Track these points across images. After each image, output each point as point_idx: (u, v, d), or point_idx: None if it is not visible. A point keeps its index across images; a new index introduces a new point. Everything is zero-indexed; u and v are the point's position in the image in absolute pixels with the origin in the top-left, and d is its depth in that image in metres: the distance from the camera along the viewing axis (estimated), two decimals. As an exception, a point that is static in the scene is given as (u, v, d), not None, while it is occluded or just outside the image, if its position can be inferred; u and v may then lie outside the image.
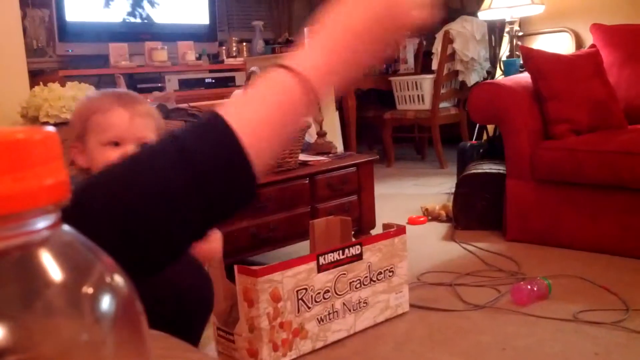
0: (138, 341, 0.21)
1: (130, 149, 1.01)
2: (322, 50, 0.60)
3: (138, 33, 3.71)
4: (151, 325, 0.51)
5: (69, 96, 2.28)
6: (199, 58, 3.87)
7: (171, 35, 3.82)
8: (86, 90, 2.48)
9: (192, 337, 0.90)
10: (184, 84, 3.62)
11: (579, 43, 3.33)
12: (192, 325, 0.88)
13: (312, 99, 0.58)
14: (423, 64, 4.98)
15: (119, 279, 0.21)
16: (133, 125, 1.05)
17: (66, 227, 0.21)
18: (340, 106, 4.57)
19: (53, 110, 2.25)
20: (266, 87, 0.59)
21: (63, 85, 2.43)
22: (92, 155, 1.04)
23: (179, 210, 0.53)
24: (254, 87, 0.60)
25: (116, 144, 1.05)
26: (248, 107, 0.58)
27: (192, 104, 2.22)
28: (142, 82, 3.52)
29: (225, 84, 3.76)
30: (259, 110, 0.58)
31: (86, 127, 1.07)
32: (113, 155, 1.01)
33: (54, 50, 3.57)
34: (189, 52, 3.76)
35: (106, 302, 0.20)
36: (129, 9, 3.75)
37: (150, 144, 0.57)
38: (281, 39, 4.63)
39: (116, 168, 0.55)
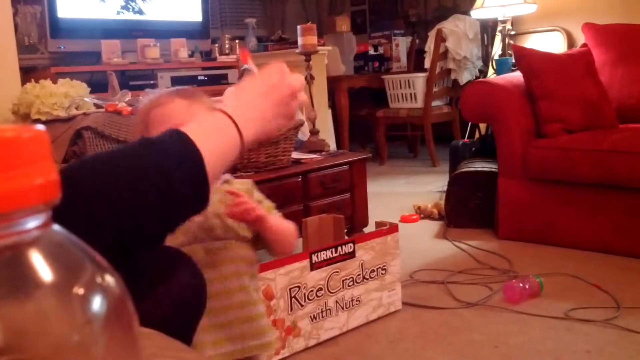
0: (129, 341, 0.21)
1: None
2: (236, 104, 0.81)
3: (130, 30, 3.69)
4: (146, 325, 0.51)
5: (61, 93, 2.27)
6: (191, 55, 3.85)
7: (164, 32, 3.79)
8: (78, 87, 2.46)
9: (187, 336, 0.90)
10: (177, 81, 3.60)
11: (570, 42, 3.34)
12: (187, 324, 0.88)
13: (236, 129, 0.77)
14: (416, 62, 4.99)
15: (110, 279, 0.20)
16: (192, 112, 1.01)
17: (57, 227, 0.21)
18: (333, 104, 4.57)
19: (45, 107, 2.23)
20: (204, 116, 0.83)
21: (55, 82, 2.42)
22: None
23: (146, 194, 0.66)
24: (198, 121, 0.79)
25: None
26: (192, 125, 0.76)
27: (184, 102, 2.21)
28: (134, 79, 3.50)
29: (218, 81, 3.74)
30: (202, 126, 0.77)
31: (147, 122, 1.04)
32: None
33: (46, 46, 3.55)
34: (181, 49, 3.74)
35: (97, 303, 0.19)
36: (122, 5, 3.73)
37: (128, 144, 0.73)
38: (274, 36, 4.62)
39: (102, 155, 0.73)
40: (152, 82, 3.45)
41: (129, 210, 0.64)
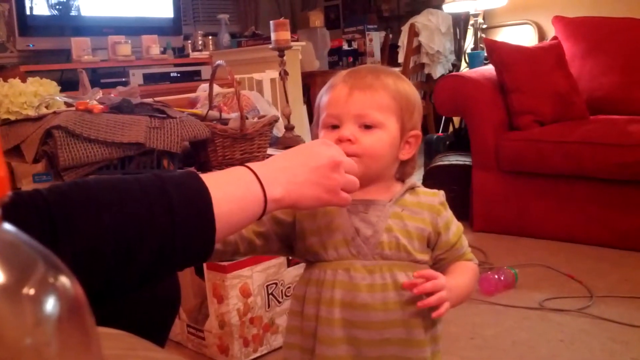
0: (86, 342, 0.20)
1: (349, 130, 0.85)
2: (266, 164, 0.78)
3: (101, 27, 3.64)
4: (116, 325, 0.50)
5: (30, 92, 2.23)
6: (163, 52, 3.81)
7: (135, 28, 3.75)
8: (48, 86, 2.42)
9: (159, 335, 0.89)
10: (149, 78, 3.57)
11: (541, 35, 3.38)
12: (159, 323, 0.87)
13: (260, 187, 0.74)
14: (389, 57, 5.00)
15: (64, 280, 0.20)
16: (350, 101, 0.86)
17: (7, 226, 0.20)
18: (309, 100, 4.56)
19: (14, 107, 2.19)
20: (226, 171, 0.78)
21: (24, 80, 2.37)
22: None
23: (147, 240, 0.63)
24: (218, 172, 0.77)
25: (334, 126, 0.87)
26: (212, 175, 0.74)
27: (157, 99, 2.19)
28: (105, 77, 3.45)
29: (191, 78, 3.71)
30: (223, 177, 0.75)
31: (318, 110, 0.92)
32: (331, 138, 0.86)
33: (15, 45, 3.48)
34: (153, 45, 3.70)
35: (50, 303, 0.19)
36: (93, 3, 3.67)
37: (136, 175, 0.68)
38: (247, 32, 4.59)
39: (95, 185, 0.65)
40: (123, 79, 3.42)
41: (125, 249, 0.61)
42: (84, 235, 0.58)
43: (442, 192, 0.94)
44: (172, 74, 3.70)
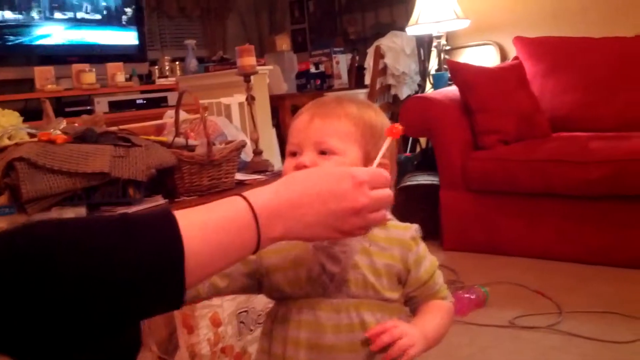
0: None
1: (308, 157, 0.83)
2: (273, 194, 0.69)
3: (64, 55, 3.61)
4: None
5: (-9, 123, 2.18)
6: (129, 79, 3.79)
7: (99, 56, 3.73)
8: (10, 116, 2.38)
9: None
10: (115, 106, 3.53)
11: (503, 55, 3.44)
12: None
13: (256, 227, 0.66)
14: (356, 78, 5.04)
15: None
16: (310, 129, 0.85)
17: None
18: (278, 123, 4.56)
19: (-26, 139, 2.14)
20: (219, 203, 0.68)
21: (-15, 111, 2.33)
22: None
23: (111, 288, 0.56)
24: (209, 209, 0.68)
25: (293, 153, 0.86)
26: (199, 212, 0.66)
27: (122, 127, 2.16)
28: (70, 106, 3.41)
29: (158, 104, 3.69)
30: (210, 217, 0.65)
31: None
32: (290, 164, 0.85)
33: (-24, 75, 3.43)
34: (118, 73, 3.68)
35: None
36: (56, 31, 3.64)
37: (100, 216, 0.62)
38: (215, 57, 4.59)
39: (67, 228, 0.59)
40: (88, 107, 3.38)
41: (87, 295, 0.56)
42: (35, 286, 0.53)
43: (415, 227, 0.90)
44: (138, 101, 3.67)
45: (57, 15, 3.65)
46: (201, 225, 0.64)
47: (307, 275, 0.84)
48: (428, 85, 3.68)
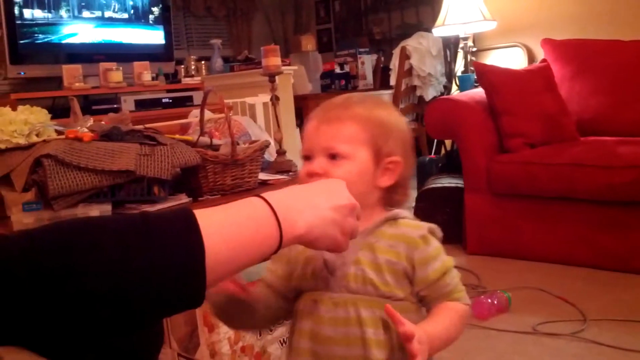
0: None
1: (320, 162, 0.86)
2: (286, 191, 0.73)
3: (92, 54, 3.66)
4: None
5: (20, 120, 2.22)
6: (155, 78, 3.83)
7: (126, 55, 3.77)
8: (38, 114, 2.42)
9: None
10: (141, 105, 3.57)
11: (530, 57, 3.40)
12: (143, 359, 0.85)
13: (276, 221, 0.68)
14: (381, 79, 5.03)
15: None
16: (318, 134, 0.88)
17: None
18: (302, 123, 4.57)
19: (4, 135, 2.18)
20: (236, 203, 0.70)
21: (15, 109, 2.37)
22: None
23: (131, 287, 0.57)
24: (225, 208, 0.69)
25: (307, 157, 0.88)
26: (216, 211, 0.67)
27: (147, 125, 2.19)
28: (97, 104, 3.46)
29: (183, 103, 3.72)
30: (227, 214, 0.67)
31: None
32: (303, 169, 0.88)
33: (6, 73, 3.49)
34: (144, 72, 3.71)
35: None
36: (84, 30, 3.69)
37: (121, 215, 0.63)
38: (241, 56, 4.61)
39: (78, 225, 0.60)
40: (115, 106, 3.42)
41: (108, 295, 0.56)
42: (54, 283, 0.54)
43: (429, 226, 0.89)
44: (163, 100, 3.71)
45: (85, 14, 3.70)
46: (219, 223, 0.65)
47: (312, 270, 0.88)
48: (454, 87, 3.65)
